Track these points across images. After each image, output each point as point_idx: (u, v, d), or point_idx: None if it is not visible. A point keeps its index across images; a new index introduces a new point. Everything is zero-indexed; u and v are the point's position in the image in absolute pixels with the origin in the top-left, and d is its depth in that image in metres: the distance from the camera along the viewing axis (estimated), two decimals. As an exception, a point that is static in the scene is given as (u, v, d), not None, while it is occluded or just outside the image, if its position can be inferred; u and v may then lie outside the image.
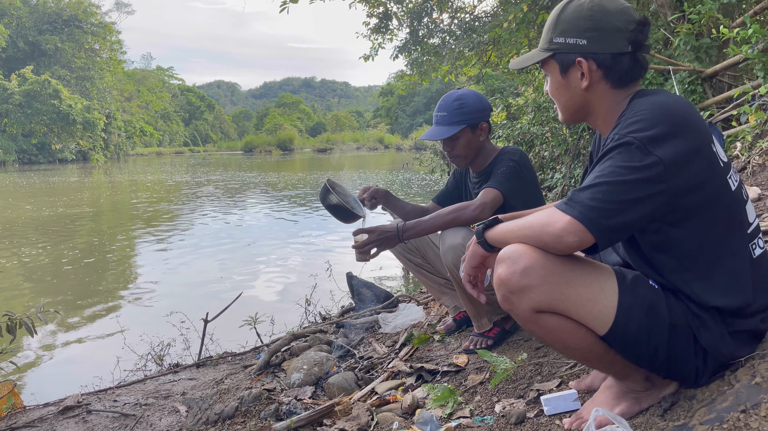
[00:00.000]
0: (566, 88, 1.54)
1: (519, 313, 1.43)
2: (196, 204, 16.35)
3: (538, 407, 1.83)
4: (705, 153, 1.36)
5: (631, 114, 1.39)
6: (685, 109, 1.38)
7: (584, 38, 1.46)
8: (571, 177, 6.96)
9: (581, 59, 1.48)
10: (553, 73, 1.56)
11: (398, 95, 69.62)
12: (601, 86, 1.50)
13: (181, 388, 3.15)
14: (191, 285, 7.07)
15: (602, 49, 1.46)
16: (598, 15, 1.45)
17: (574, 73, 1.51)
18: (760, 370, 1.34)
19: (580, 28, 1.47)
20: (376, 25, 12.39)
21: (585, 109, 1.56)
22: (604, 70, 1.48)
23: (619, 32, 1.45)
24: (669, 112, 1.35)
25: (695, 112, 1.41)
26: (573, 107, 1.57)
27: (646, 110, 1.36)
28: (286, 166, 39.17)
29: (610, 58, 1.46)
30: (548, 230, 1.34)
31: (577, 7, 1.48)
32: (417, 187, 19.11)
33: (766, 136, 3.65)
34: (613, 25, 1.45)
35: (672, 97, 1.42)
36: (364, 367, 2.83)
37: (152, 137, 69.09)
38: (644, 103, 1.40)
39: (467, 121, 2.55)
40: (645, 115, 1.35)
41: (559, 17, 1.51)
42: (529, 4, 8.99)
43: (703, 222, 1.38)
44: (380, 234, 2.39)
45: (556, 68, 1.54)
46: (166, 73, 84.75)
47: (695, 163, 1.33)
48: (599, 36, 1.45)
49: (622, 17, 1.45)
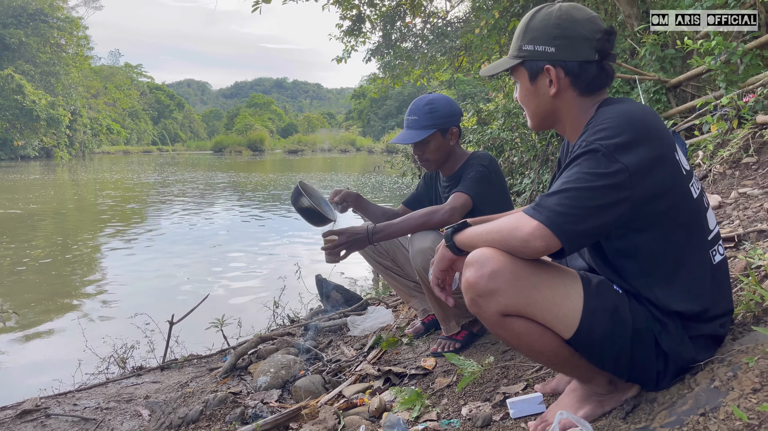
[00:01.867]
0: (535, 94, 1.56)
1: (486, 317, 1.44)
2: (164, 204, 16.08)
3: (504, 410, 1.84)
4: (668, 161, 1.39)
5: (598, 122, 1.41)
6: (649, 118, 1.41)
7: (552, 46, 1.49)
8: (540, 182, 7.05)
9: (549, 66, 1.50)
10: (522, 80, 1.58)
11: (371, 98, 69.73)
12: (569, 93, 1.52)
13: (144, 391, 3.09)
14: (157, 286, 6.94)
15: (570, 57, 1.48)
16: (566, 23, 1.48)
17: (542, 80, 1.53)
18: (719, 374, 1.37)
19: (549, 35, 1.49)
20: (349, 27, 12.38)
21: (553, 116, 1.59)
22: (572, 78, 1.50)
23: (587, 41, 1.47)
24: (634, 121, 1.37)
25: (659, 121, 1.44)
26: (541, 114, 1.59)
27: (612, 118, 1.39)
28: (256, 167, 38.81)
29: (578, 65, 1.49)
30: (516, 234, 1.35)
31: (545, 15, 1.51)
32: (388, 190, 19.14)
33: (727, 146, 3.75)
34: (580, 33, 1.47)
35: (637, 106, 1.45)
36: (331, 370, 2.82)
37: (119, 135, 67.86)
38: (611, 111, 1.42)
39: (438, 125, 2.57)
40: (611, 123, 1.37)
41: (528, 25, 1.53)
42: (501, 11, 9.10)
43: (665, 228, 1.41)
44: (350, 236, 2.38)
45: (525, 75, 1.56)
46: (134, 71, 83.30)
47: (659, 171, 1.36)
48: (567, 44, 1.48)
49: (589, 26, 1.48)
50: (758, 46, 4.71)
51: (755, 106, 3.63)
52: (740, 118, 3.82)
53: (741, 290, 1.89)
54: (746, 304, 1.69)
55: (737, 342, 1.53)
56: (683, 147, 4.26)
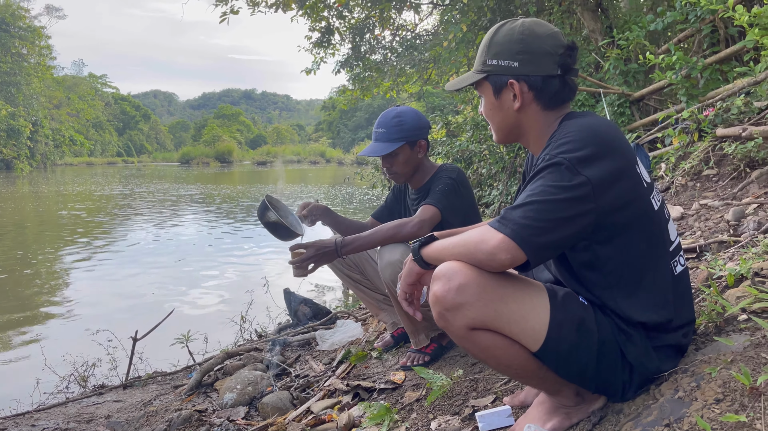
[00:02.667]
0: (499, 109, 1.58)
1: (454, 330, 1.43)
2: (128, 217, 15.77)
3: (473, 423, 1.83)
4: (630, 173, 1.41)
5: (561, 135, 1.42)
6: (611, 132, 1.43)
7: (516, 61, 1.50)
8: (508, 194, 7.12)
9: (513, 81, 1.52)
10: (486, 94, 1.60)
11: (340, 109, 69.81)
12: (533, 108, 1.54)
13: (105, 411, 3.00)
14: (120, 301, 6.77)
15: (533, 71, 1.50)
16: (529, 38, 1.49)
17: (506, 94, 1.54)
18: (683, 384, 1.39)
19: (512, 50, 1.51)
20: (318, 39, 12.40)
21: (517, 130, 1.60)
22: (535, 92, 1.52)
23: (549, 56, 1.49)
24: (597, 134, 1.39)
25: (620, 135, 1.46)
26: (506, 128, 1.61)
27: (575, 132, 1.40)
28: (224, 179, 38.41)
29: (541, 80, 1.51)
30: (482, 248, 1.35)
31: (509, 30, 1.52)
32: (358, 201, 19.14)
33: (689, 158, 3.84)
34: (543, 48, 1.49)
35: (599, 120, 1.47)
36: (300, 386, 2.78)
37: (83, 146, 66.46)
38: (573, 125, 1.44)
39: (406, 138, 2.56)
40: (574, 137, 1.39)
41: (492, 40, 1.55)
42: (468, 24, 9.23)
43: (628, 240, 1.42)
44: (318, 250, 2.35)
45: (490, 89, 1.58)
46: (99, 81, 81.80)
47: (621, 184, 1.38)
48: (530, 59, 1.49)
49: (551, 41, 1.50)
50: (717, 61, 4.87)
51: (715, 120, 3.74)
52: (701, 131, 3.92)
53: (703, 300, 1.92)
54: (708, 314, 1.72)
55: (700, 353, 1.55)
56: (646, 159, 4.35)
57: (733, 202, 2.98)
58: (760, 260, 2.01)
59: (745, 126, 3.31)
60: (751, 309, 1.64)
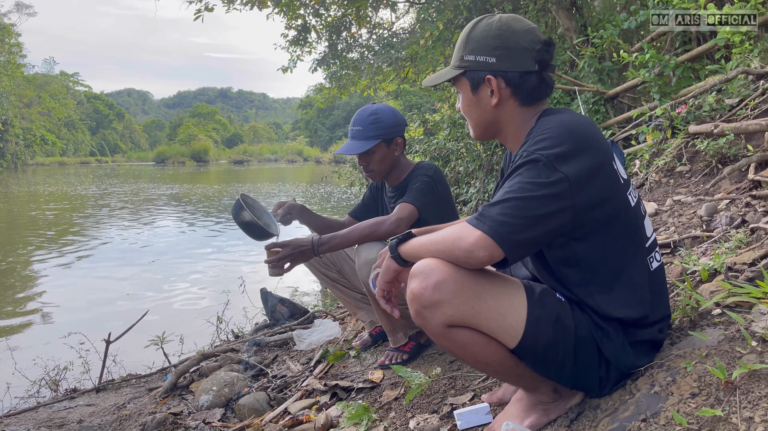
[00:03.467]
0: (477, 105, 1.57)
1: (431, 328, 1.42)
2: (102, 217, 15.50)
3: (451, 421, 1.82)
4: (607, 170, 1.41)
5: (538, 132, 1.42)
6: (588, 129, 1.43)
7: (493, 56, 1.49)
8: (485, 191, 7.15)
9: (491, 77, 1.51)
10: (464, 91, 1.58)
11: (317, 108, 69.49)
12: (510, 104, 1.53)
13: (77, 415, 2.93)
14: (94, 303, 6.64)
15: (510, 67, 1.49)
16: (506, 34, 1.48)
17: (484, 90, 1.53)
18: (659, 379, 1.39)
19: (490, 46, 1.49)
20: (294, 37, 12.30)
21: (495, 126, 1.59)
22: (513, 88, 1.51)
23: (526, 51, 1.49)
24: (574, 131, 1.39)
25: (597, 132, 1.46)
26: (483, 124, 1.60)
27: (552, 128, 1.40)
28: (200, 178, 38.00)
29: (518, 76, 1.50)
30: (459, 245, 1.34)
31: (486, 26, 1.51)
32: (336, 200, 19.07)
33: (662, 155, 3.89)
34: (520, 44, 1.48)
35: (576, 117, 1.47)
36: (277, 386, 2.74)
37: (54, 146, 65.23)
38: (551, 122, 1.44)
39: (382, 135, 2.54)
40: (552, 134, 1.38)
41: (469, 36, 1.54)
42: (445, 22, 9.24)
43: (604, 237, 1.43)
44: (294, 248, 2.32)
45: (467, 85, 1.56)
46: (70, 79, 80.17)
47: (598, 180, 1.38)
48: (507, 54, 1.48)
49: (528, 37, 1.49)
50: (689, 59, 4.94)
51: (687, 117, 3.78)
52: (674, 128, 3.97)
53: (677, 295, 1.94)
54: (683, 309, 1.73)
55: (675, 347, 1.56)
56: (621, 156, 4.39)
57: (706, 197, 3.02)
58: (733, 255, 2.04)
59: (716, 123, 3.35)
60: (724, 303, 1.66)
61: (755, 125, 2.96)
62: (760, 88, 3.45)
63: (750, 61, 3.83)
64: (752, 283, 1.73)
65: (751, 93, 3.51)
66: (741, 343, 1.40)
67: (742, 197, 2.72)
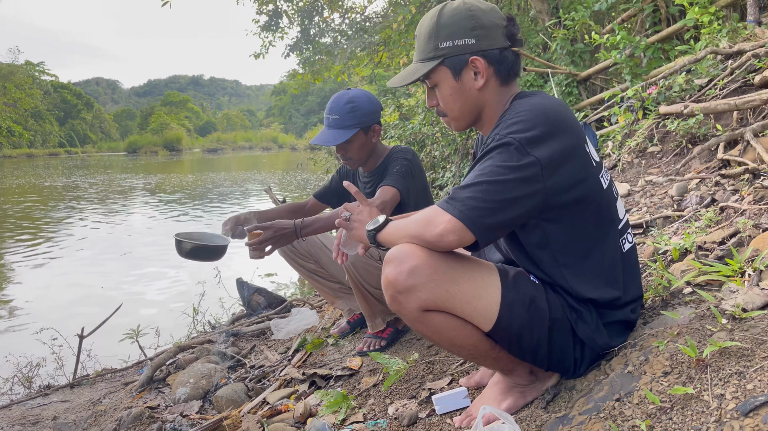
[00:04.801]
0: (460, 92, 1.51)
1: (407, 313, 1.42)
2: (72, 209, 15.20)
3: (430, 406, 1.83)
4: (579, 153, 1.41)
5: (511, 115, 1.41)
6: (561, 111, 1.43)
7: (472, 37, 1.46)
8: (461, 175, 7.16)
9: (475, 57, 1.47)
10: (444, 81, 1.52)
11: (291, 94, 68.83)
12: (492, 84, 1.50)
13: (52, 412, 2.88)
14: (65, 297, 6.52)
15: (489, 45, 1.47)
16: (478, 14, 1.46)
17: (467, 74, 1.49)
18: (632, 359, 1.41)
19: (466, 27, 1.46)
20: (266, 22, 12.15)
21: (477, 111, 1.54)
22: (495, 66, 1.49)
23: (498, 28, 1.47)
24: (547, 114, 1.38)
25: (570, 114, 1.46)
26: (468, 110, 1.54)
27: (525, 112, 1.39)
28: (173, 168, 37.47)
29: (498, 53, 1.48)
30: (430, 229, 1.35)
31: (453, 10, 1.47)
32: (312, 187, 18.95)
33: (634, 136, 3.93)
34: (492, 21, 1.47)
35: (550, 100, 1.46)
36: (255, 377, 2.73)
37: (22, 138, 63.61)
38: (524, 105, 1.43)
39: (360, 124, 2.48)
40: (524, 117, 1.38)
41: (439, 23, 1.48)
42: (418, 6, 9.18)
43: (577, 219, 1.43)
44: (276, 231, 2.28)
45: (448, 74, 1.50)
46: (36, 68, 77.98)
47: (570, 163, 1.38)
48: (485, 33, 1.46)
49: (495, 14, 1.48)
50: (659, 40, 4.98)
51: (658, 98, 3.82)
52: (645, 109, 4.01)
53: (650, 275, 1.96)
54: (655, 289, 1.76)
55: (648, 327, 1.58)
56: (594, 138, 4.43)
57: (677, 177, 3.06)
58: (703, 234, 2.07)
59: (686, 103, 3.39)
60: (695, 282, 1.68)
61: (724, 105, 2.99)
62: (729, 67, 3.49)
63: (718, 41, 3.87)
64: (722, 262, 1.76)
65: (720, 73, 3.55)
66: (711, 321, 1.42)
67: (712, 176, 2.76)
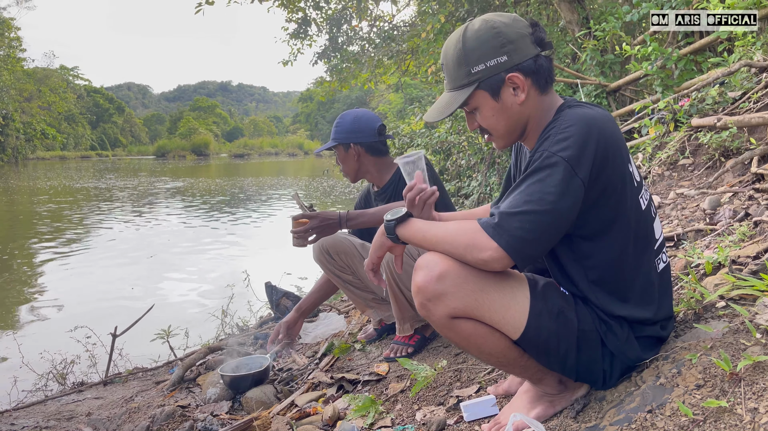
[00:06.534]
0: (503, 110, 1.50)
1: (435, 319, 1.45)
2: (105, 211, 15.53)
3: (457, 413, 1.85)
4: (620, 171, 1.42)
5: (559, 129, 1.38)
6: (610, 128, 1.41)
7: (503, 54, 1.45)
8: (487, 185, 7.16)
9: (513, 74, 1.46)
10: (484, 104, 1.51)
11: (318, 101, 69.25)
12: (532, 95, 1.49)
13: (86, 408, 2.96)
14: (99, 297, 6.67)
15: (522, 57, 1.46)
16: (503, 29, 1.45)
17: (506, 92, 1.48)
18: (664, 371, 1.41)
19: (495, 46, 1.45)
20: (295, 30, 12.29)
21: (522, 126, 1.53)
22: (532, 77, 1.47)
23: (525, 37, 1.47)
24: (594, 129, 1.37)
25: (617, 130, 1.44)
26: (512, 126, 1.53)
27: (573, 127, 1.37)
28: (201, 172, 38.00)
29: (533, 62, 1.47)
30: (474, 254, 1.36)
31: (476, 32, 1.47)
32: (337, 194, 19.07)
33: (665, 148, 3.90)
34: (518, 33, 1.46)
35: (598, 113, 1.43)
36: (283, 379, 2.77)
37: (55, 140, 65.10)
38: (572, 117, 1.40)
39: (338, 140, 2.74)
40: (573, 132, 1.36)
41: (466, 48, 1.47)
42: (446, 15, 9.21)
43: (612, 238, 1.44)
44: (322, 221, 2.42)
45: (487, 96, 1.49)
46: (70, 73, 79.75)
47: (610, 180, 1.39)
48: (514, 47, 1.45)
49: (519, 24, 1.48)
50: (692, 51, 4.94)
51: (690, 110, 3.79)
52: (676, 121, 3.98)
53: (681, 288, 1.96)
54: (687, 302, 1.75)
55: (680, 340, 1.58)
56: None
57: (709, 190, 3.03)
58: (737, 248, 2.05)
59: (719, 116, 3.36)
60: (729, 296, 1.68)
61: (758, 118, 2.96)
62: (763, 80, 3.45)
63: (753, 53, 3.83)
64: (756, 276, 1.75)
65: (754, 86, 3.52)
66: (745, 335, 1.42)
67: (745, 190, 2.73)
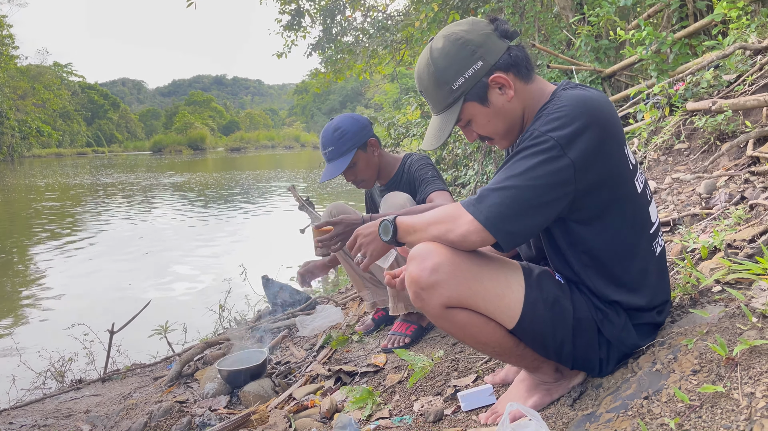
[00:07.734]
0: (496, 113, 1.49)
1: (430, 310, 1.44)
2: (101, 208, 15.49)
3: (455, 403, 1.84)
4: (615, 153, 1.40)
5: (553, 108, 1.37)
6: (605, 108, 1.39)
7: (477, 60, 1.44)
8: (483, 173, 7.13)
9: (493, 75, 1.44)
10: (476, 113, 1.49)
11: (313, 93, 69.08)
12: (519, 88, 1.48)
13: (84, 406, 2.95)
14: (95, 294, 6.66)
15: (496, 56, 1.45)
16: (466, 37, 1.44)
17: (493, 94, 1.47)
18: (660, 357, 1.40)
19: (466, 56, 1.44)
20: (288, 22, 12.23)
21: (519, 120, 1.51)
22: (513, 70, 1.46)
23: (490, 36, 1.45)
24: (589, 108, 1.35)
25: (614, 112, 1.43)
26: (511, 125, 1.51)
27: (566, 106, 1.36)
28: (198, 166, 37.91)
29: (507, 57, 1.46)
30: (454, 229, 1.37)
31: (442, 51, 1.46)
32: (335, 184, 19.03)
33: (660, 133, 3.88)
34: (482, 34, 1.45)
35: (594, 93, 1.42)
36: (281, 373, 2.76)
37: (50, 137, 64.86)
38: (567, 97, 1.39)
39: (355, 144, 2.59)
40: (565, 111, 1.35)
41: (438, 70, 1.46)
42: (440, 3, 9.15)
43: (608, 223, 1.43)
44: (347, 226, 2.26)
45: (476, 105, 1.48)
46: (64, 69, 79.34)
47: (604, 162, 1.37)
48: (485, 50, 1.44)
49: (479, 26, 1.46)
50: (686, 35, 4.91)
51: (685, 94, 3.77)
52: (671, 105, 3.96)
53: (677, 273, 1.95)
54: (683, 287, 1.74)
55: (676, 325, 1.57)
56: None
57: (704, 174, 3.02)
58: (732, 232, 2.04)
59: (714, 99, 3.34)
60: (724, 280, 1.67)
61: (753, 101, 2.95)
62: (758, 63, 3.43)
63: (747, 36, 3.80)
64: (752, 260, 1.74)
65: (749, 68, 3.49)
66: (741, 320, 1.41)
67: (741, 173, 2.72)
